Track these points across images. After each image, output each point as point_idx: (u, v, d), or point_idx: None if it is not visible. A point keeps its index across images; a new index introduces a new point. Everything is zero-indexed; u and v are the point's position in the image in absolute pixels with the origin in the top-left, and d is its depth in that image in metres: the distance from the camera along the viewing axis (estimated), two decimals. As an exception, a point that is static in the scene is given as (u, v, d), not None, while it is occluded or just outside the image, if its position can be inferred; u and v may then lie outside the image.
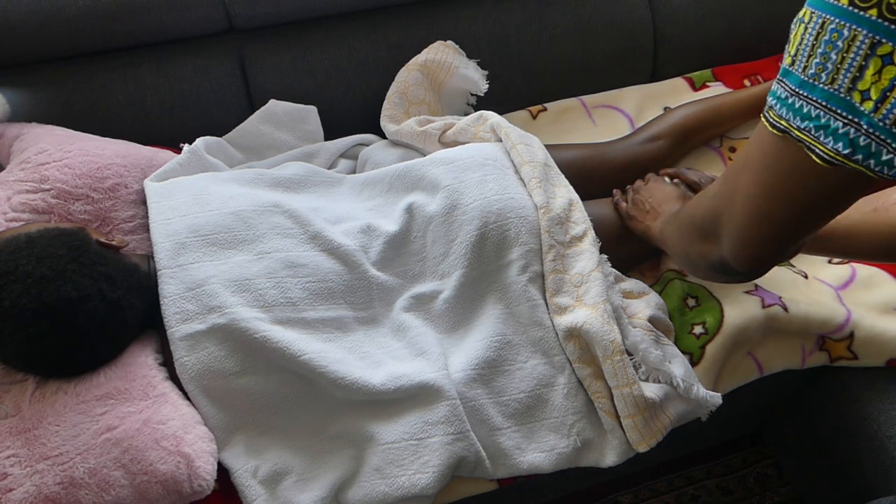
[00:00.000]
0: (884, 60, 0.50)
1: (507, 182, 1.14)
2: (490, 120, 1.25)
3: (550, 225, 1.10)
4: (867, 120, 0.52)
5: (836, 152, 0.55)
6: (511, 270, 1.09)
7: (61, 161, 1.10)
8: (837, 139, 0.54)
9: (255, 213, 1.08)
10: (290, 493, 0.97)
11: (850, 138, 0.54)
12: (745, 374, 1.16)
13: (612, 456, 1.04)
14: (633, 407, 1.01)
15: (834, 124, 0.54)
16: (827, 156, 0.55)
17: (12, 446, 0.90)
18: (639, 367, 1.05)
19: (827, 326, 1.14)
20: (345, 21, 1.41)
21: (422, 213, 1.13)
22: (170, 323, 0.98)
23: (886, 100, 0.51)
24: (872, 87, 0.51)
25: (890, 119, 0.52)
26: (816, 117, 0.55)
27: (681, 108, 1.38)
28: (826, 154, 0.55)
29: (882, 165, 0.54)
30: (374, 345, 1.06)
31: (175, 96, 1.33)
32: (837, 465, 1.27)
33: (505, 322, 1.07)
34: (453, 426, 0.98)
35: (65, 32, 1.25)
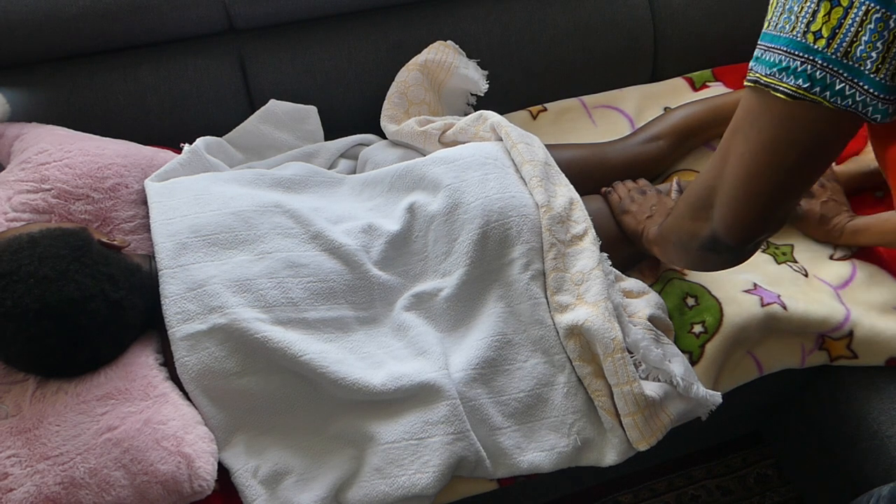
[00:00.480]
0: (831, 3, 0.60)
1: (508, 181, 1.14)
2: (490, 119, 1.25)
3: (551, 223, 1.10)
4: (821, 56, 0.61)
5: (798, 87, 0.63)
6: (513, 268, 1.09)
7: (62, 161, 1.10)
8: (798, 76, 0.63)
9: (256, 214, 1.08)
10: (291, 493, 0.97)
11: (807, 74, 0.62)
12: (745, 374, 1.16)
13: (612, 455, 1.04)
14: (634, 405, 1.01)
15: (793, 64, 0.63)
16: (789, 91, 0.63)
17: (13, 446, 0.90)
18: (639, 366, 1.05)
19: (826, 325, 1.15)
20: (345, 21, 1.41)
21: (423, 213, 1.13)
22: (171, 323, 0.98)
23: (836, 36, 0.60)
24: (823, 26, 0.61)
25: (840, 51, 0.60)
26: (779, 62, 0.64)
27: (681, 109, 1.38)
28: (788, 90, 0.64)
29: (836, 96, 0.62)
30: (374, 345, 1.06)
31: (175, 96, 1.33)
32: (837, 464, 1.27)
33: (505, 321, 1.07)
34: (453, 426, 0.98)
35: (65, 32, 1.25)
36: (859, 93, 0.62)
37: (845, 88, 0.62)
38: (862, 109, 0.62)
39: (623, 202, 1.19)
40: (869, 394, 1.19)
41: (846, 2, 0.59)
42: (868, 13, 0.59)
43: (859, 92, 0.62)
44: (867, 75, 0.61)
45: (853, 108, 0.63)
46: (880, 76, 0.60)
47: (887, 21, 0.58)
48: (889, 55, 0.59)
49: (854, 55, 0.60)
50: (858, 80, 0.61)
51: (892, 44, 0.59)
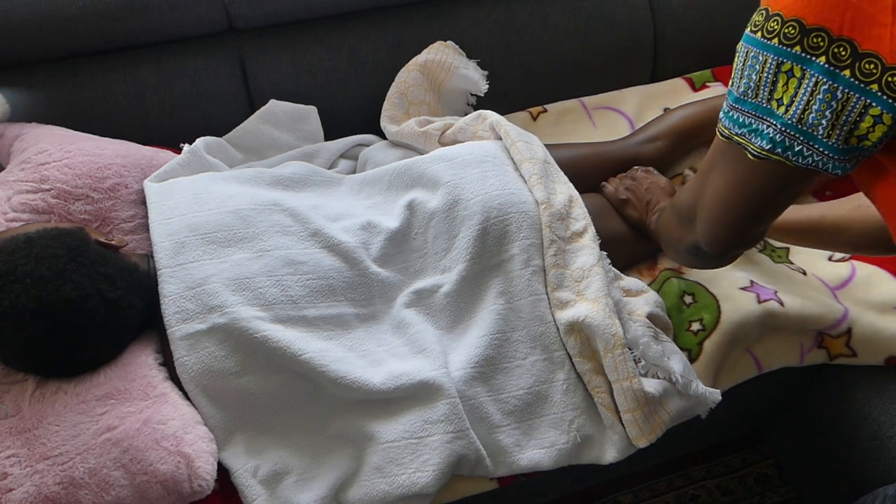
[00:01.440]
0: (787, 75, 0.66)
1: (508, 178, 1.14)
2: (489, 118, 1.25)
3: (551, 220, 1.10)
4: (781, 121, 0.68)
5: (762, 148, 0.70)
6: (513, 264, 1.09)
7: (61, 161, 1.10)
8: (763, 138, 0.70)
9: (254, 212, 1.08)
10: (291, 493, 0.97)
11: (769, 136, 0.69)
12: (744, 372, 1.16)
13: (612, 452, 1.04)
14: (633, 401, 1.01)
15: (760, 127, 0.70)
16: (756, 152, 0.70)
17: (12, 446, 0.90)
18: (639, 362, 1.05)
19: (824, 322, 1.15)
20: (345, 21, 1.41)
21: (423, 210, 1.13)
22: (170, 322, 0.98)
23: (792, 104, 0.67)
24: (784, 94, 0.67)
25: (795, 118, 0.67)
26: (748, 124, 0.71)
27: (680, 109, 1.38)
28: (755, 150, 0.70)
29: (797, 156, 0.68)
30: (374, 342, 1.06)
31: (175, 96, 1.33)
32: (837, 465, 1.27)
33: (505, 318, 1.07)
34: (453, 424, 0.98)
35: (65, 32, 1.25)
36: (816, 154, 0.67)
37: (803, 150, 0.68)
38: (822, 167, 0.68)
39: (617, 191, 1.23)
40: (869, 394, 1.19)
41: (798, 73, 0.65)
42: (817, 84, 0.64)
43: (816, 153, 0.67)
44: (821, 139, 0.66)
45: (813, 166, 0.68)
46: (832, 140, 0.66)
47: (834, 92, 0.64)
48: (838, 122, 0.65)
49: (807, 121, 0.66)
50: (814, 144, 0.67)
51: (840, 112, 0.64)
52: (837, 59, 0.63)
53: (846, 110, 0.64)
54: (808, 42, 0.64)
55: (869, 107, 0.64)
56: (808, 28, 0.64)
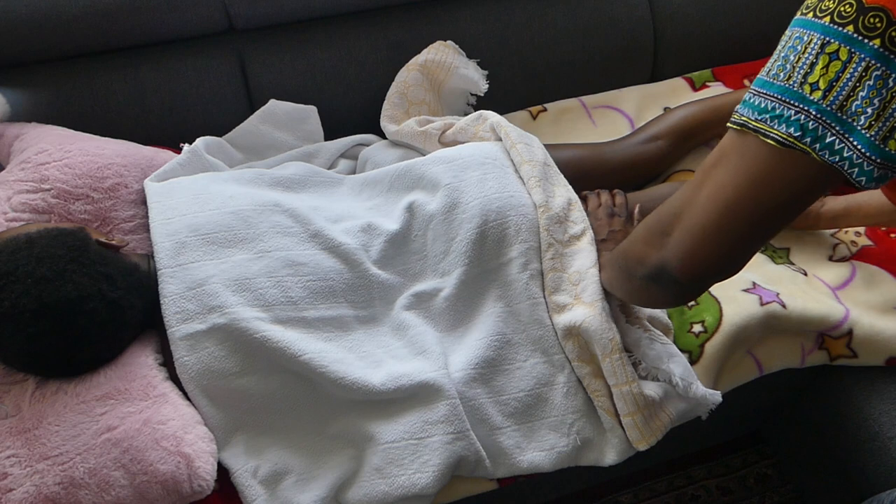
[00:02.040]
0: (830, 56, 0.61)
1: (507, 180, 1.14)
2: (490, 119, 1.25)
3: (549, 223, 1.10)
4: (816, 107, 0.62)
5: (789, 135, 0.63)
6: (512, 268, 1.09)
7: (61, 161, 1.10)
8: (790, 124, 0.63)
9: (255, 212, 1.08)
10: (291, 493, 0.97)
11: (800, 123, 0.63)
12: (745, 374, 1.16)
13: (612, 455, 1.04)
14: (633, 405, 1.01)
15: (787, 112, 0.64)
16: (780, 138, 0.64)
17: (12, 446, 0.90)
18: (638, 365, 1.05)
19: (825, 323, 1.15)
20: (345, 21, 1.41)
21: (422, 212, 1.13)
22: (170, 323, 0.98)
23: (832, 89, 0.61)
24: (821, 78, 0.61)
25: (836, 104, 0.61)
26: (772, 109, 0.65)
27: (680, 109, 1.38)
28: (779, 136, 0.64)
29: (825, 149, 0.62)
30: (374, 344, 1.06)
31: (175, 96, 1.33)
32: (838, 465, 1.27)
33: (505, 321, 1.07)
34: (453, 425, 0.98)
35: (65, 32, 1.25)
36: (848, 148, 0.62)
37: (835, 142, 0.62)
38: (848, 168, 0.62)
39: (591, 213, 1.16)
40: (869, 395, 1.19)
41: (845, 56, 0.60)
42: (868, 69, 0.59)
43: (848, 148, 0.62)
44: (859, 131, 0.61)
45: (839, 165, 0.63)
46: (871, 133, 0.61)
47: (886, 79, 0.59)
48: (884, 114, 0.60)
49: (849, 109, 0.61)
50: (849, 136, 0.62)
51: (889, 103, 0.59)
52: (894, 43, 0.58)
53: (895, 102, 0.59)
54: (863, 22, 0.59)
55: None
56: (866, 7, 0.59)
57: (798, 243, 1.29)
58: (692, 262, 0.73)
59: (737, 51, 1.56)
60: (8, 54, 1.26)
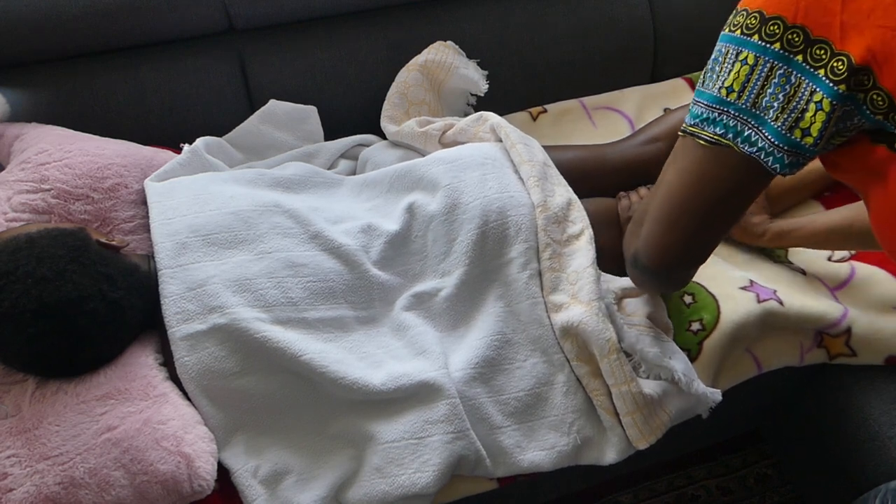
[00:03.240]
0: (741, 63, 0.72)
1: (507, 180, 1.14)
2: (490, 120, 1.25)
3: (547, 223, 1.10)
4: (734, 107, 0.73)
5: (714, 133, 0.75)
6: (512, 268, 1.09)
7: (61, 161, 1.10)
8: (716, 125, 0.75)
9: (255, 213, 1.08)
10: (291, 493, 0.97)
11: (724, 123, 0.74)
12: (744, 372, 1.16)
13: (612, 453, 1.04)
14: (632, 404, 1.01)
15: (713, 115, 0.75)
16: (708, 137, 0.75)
17: (12, 446, 0.90)
18: (639, 367, 1.05)
19: (823, 321, 1.15)
20: (345, 21, 1.41)
21: (422, 213, 1.13)
22: (170, 323, 0.98)
23: (745, 89, 0.72)
24: (734, 82, 0.73)
25: (749, 102, 0.72)
26: (702, 114, 0.76)
27: (681, 110, 1.38)
28: (708, 136, 0.75)
29: (745, 143, 0.73)
30: (374, 344, 1.06)
31: (175, 96, 1.33)
32: (838, 465, 1.27)
33: (505, 320, 1.07)
34: (453, 425, 0.98)
35: (65, 32, 1.25)
36: (761, 139, 0.72)
37: (751, 135, 0.73)
38: (763, 157, 0.72)
39: (631, 209, 1.19)
40: (869, 394, 1.19)
41: (752, 60, 0.71)
42: (773, 69, 0.70)
43: (761, 138, 0.72)
44: (769, 123, 0.71)
45: (756, 155, 0.73)
46: (778, 123, 0.71)
47: (789, 76, 0.70)
48: (788, 106, 0.70)
49: (760, 105, 0.72)
50: (762, 128, 0.72)
51: (792, 97, 0.70)
52: (791, 44, 0.69)
53: (797, 95, 0.70)
54: (765, 30, 0.70)
55: (814, 93, 0.69)
56: (766, 17, 0.70)
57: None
58: (655, 252, 0.85)
59: (736, 51, 1.56)
60: (8, 54, 1.26)
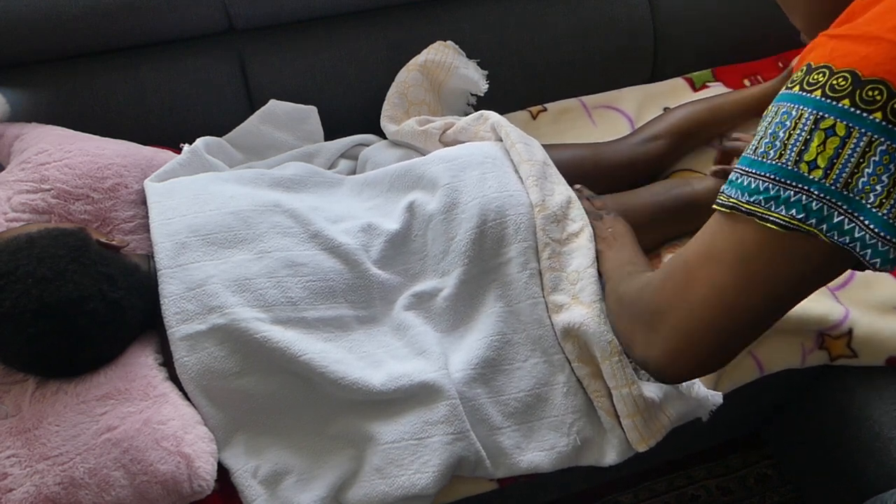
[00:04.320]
0: (826, 133, 0.56)
1: (506, 179, 1.14)
2: (490, 119, 1.25)
3: (545, 223, 1.10)
4: (817, 186, 0.57)
5: (791, 217, 0.58)
6: (511, 267, 1.09)
7: (61, 161, 1.10)
8: (790, 206, 0.59)
9: (255, 213, 1.08)
10: (291, 493, 0.97)
11: (802, 204, 0.58)
12: (746, 374, 1.16)
13: (612, 455, 1.04)
14: (633, 407, 1.01)
15: (785, 194, 0.59)
16: (783, 221, 0.59)
17: (12, 446, 0.90)
18: (640, 369, 1.05)
19: (825, 322, 1.14)
20: (345, 21, 1.41)
21: (422, 212, 1.13)
22: (170, 323, 0.98)
23: (834, 166, 0.57)
24: (819, 156, 0.57)
25: (840, 182, 0.57)
26: (766, 190, 0.60)
27: (680, 108, 1.38)
28: (782, 220, 0.59)
29: (834, 230, 0.58)
30: (374, 344, 1.06)
31: (175, 96, 1.33)
32: (838, 466, 1.27)
33: (505, 320, 1.07)
34: (453, 426, 0.98)
35: (65, 32, 1.25)
36: (859, 228, 0.57)
37: (844, 222, 0.58)
38: (860, 250, 0.58)
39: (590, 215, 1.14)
40: (870, 395, 1.19)
41: (843, 132, 0.56)
42: (871, 144, 0.55)
43: (859, 227, 0.57)
44: (869, 209, 0.57)
45: (850, 247, 0.58)
46: (883, 211, 0.56)
47: (893, 154, 0.55)
48: (895, 190, 0.56)
49: (856, 187, 0.57)
50: (859, 215, 0.57)
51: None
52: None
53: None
54: (861, 95, 0.55)
55: None
56: (863, 80, 0.55)
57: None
58: (680, 364, 0.70)
59: (737, 51, 1.56)
60: (8, 54, 1.26)
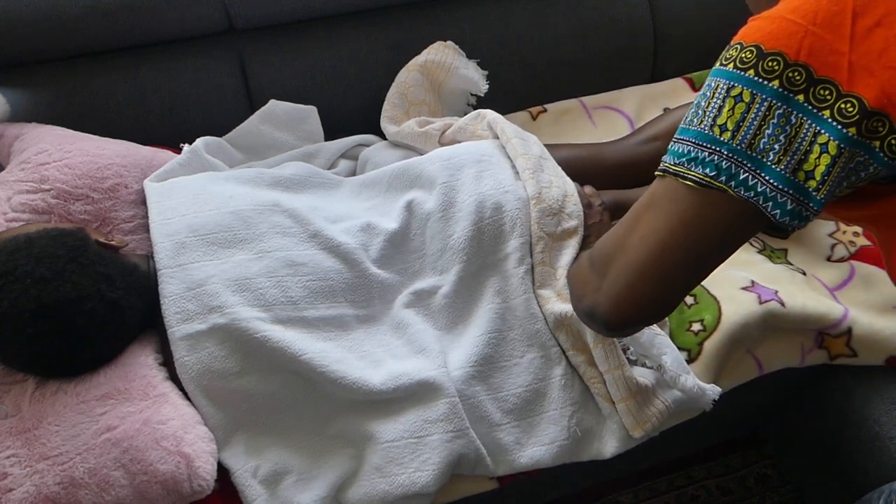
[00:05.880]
0: (735, 99, 0.66)
1: (503, 176, 1.14)
2: (487, 117, 1.25)
3: (541, 216, 1.10)
4: (727, 147, 0.66)
5: (705, 175, 0.67)
6: (508, 263, 1.09)
7: (61, 161, 1.10)
8: (705, 166, 0.67)
9: (254, 213, 1.08)
10: (291, 493, 0.97)
11: (714, 163, 0.67)
12: (746, 373, 1.16)
13: (612, 443, 1.04)
14: (625, 390, 1.01)
15: (701, 155, 0.68)
16: (698, 179, 0.68)
17: (12, 446, 0.90)
18: (627, 349, 1.05)
19: (824, 321, 1.15)
20: (345, 21, 1.41)
21: (420, 211, 1.13)
22: (170, 323, 0.98)
23: (740, 129, 0.66)
24: (728, 120, 0.66)
25: (745, 143, 0.66)
26: (688, 153, 0.69)
27: (680, 109, 1.38)
28: (697, 178, 0.68)
29: (741, 185, 0.66)
30: (373, 343, 1.06)
31: (175, 96, 1.33)
32: (838, 466, 1.27)
33: (502, 317, 1.07)
34: (453, 424, 0.98)
35: (65, 32, 1.25)
36: (761, 183, 0.66)
37: (748, 178, 0.66)
38: (763, 203, 0.66)
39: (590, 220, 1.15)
40: (870, 395, 1.19)
41: (748, 97, 0.65)
42: (771, 108, 0.65)
43: (761, 182, 0.66)
44: (769, 166, 0.66)
45: (754, 200, 0.66)
46: (780, 167, 0.65)
47: (789, 116, 0.64)
48: (790, 148, 0.65)
49: (757, 147, 0.66)
50: (761, 171, 0.66)
51: (794, 139, 0.65)
52: (791, 83, 0.64)
53: (798, 136, 0.65)
54: (762, 66, 0.65)
55: (818, 134, 0.64)
56: (764, 52, 0.65)
57: (796, 244, 1.29)
58: (622, 307, 0.75)
59: (737, 51, 1.56)
60: (8, 54, 1.26)
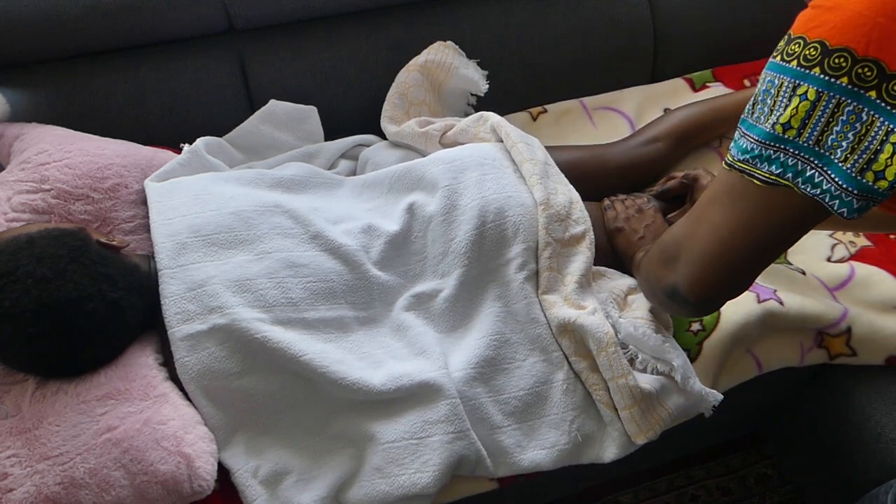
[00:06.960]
0: (800, 98, 0.65)
1: (506, 181, 1.14)
2: (490, 120, 1.25)
3: (549, 222, 1.10)
4: (793, 145, 0.66)
5: (771, 173, 0.68)
6: (509, 268, 1.09)
7: (61, 161, 1.10)
8: (772, 163, 0.68)
9: (255, 213, 1.08)
10: (291, 493, 0.97)
11: (781, 161, 0.67)
12: (745, 372, 1.16)
13: (612, 449, 1.04)
14: (630, 398, 1.01)
15: (767, 153, 0.68)
16: (763, 177, 0.69)
17: (12, 446, 0.90)
18: (635, 358, 1.05)
19: (823, 320, 1.15)
20: (345, 21, 1.41)
21: (422, 213, 1.13)
22: (171, 323, 0.98)
23: (806, 126, 0.65)
24: (792, 118, 0.66)
25: (812, 140, 0.65)
26: (753, 150, 0.69)
27: (681, 110, 1.38)
28: (763, 176, 0.69)
29: (807, 183, 0.67)
30: (374, 344, 1.06)
31: (175, 96, 1.33)
32: (838, 466, 1.27)
33: (504, 320, 1.07)
34: (453, 425, 0.98)
35: (65, 32, 1.25)
36: (826, 181, 0.66)
37: (814, 176, 0.66)
38: (829, 201, 0.66)
39: (616, 219, 1.18)
40: (870, 394, 1.19)
41: (814, 96, 0.64)
42: (840, 105, 0.63)
43: (827, 180, 0.66)
44: (836, 164, 0.65)
45: (820, 198, 0.66)
46: (847, 165, 0.64)
47: (859, 114, 0.62)
48: (859, 147, 0.63)
49: (825, 144, 0.65)
50: (827, 169, 0.65)
51: (864, 136, 0.63)
52: (862, 79, 0.62)
53: (869, 135, 0.63)
54: (829, 63, 0.63)
55: (891, 133, 0.62)
56: (830, 49, 0.63)
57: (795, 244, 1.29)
58: (698, 287, 0.79)
59: (737, 51, 1.56)
60: (8, 54, 1.26)
